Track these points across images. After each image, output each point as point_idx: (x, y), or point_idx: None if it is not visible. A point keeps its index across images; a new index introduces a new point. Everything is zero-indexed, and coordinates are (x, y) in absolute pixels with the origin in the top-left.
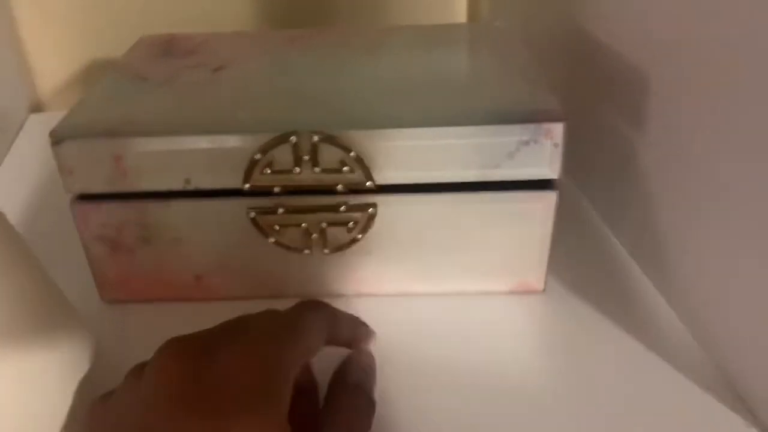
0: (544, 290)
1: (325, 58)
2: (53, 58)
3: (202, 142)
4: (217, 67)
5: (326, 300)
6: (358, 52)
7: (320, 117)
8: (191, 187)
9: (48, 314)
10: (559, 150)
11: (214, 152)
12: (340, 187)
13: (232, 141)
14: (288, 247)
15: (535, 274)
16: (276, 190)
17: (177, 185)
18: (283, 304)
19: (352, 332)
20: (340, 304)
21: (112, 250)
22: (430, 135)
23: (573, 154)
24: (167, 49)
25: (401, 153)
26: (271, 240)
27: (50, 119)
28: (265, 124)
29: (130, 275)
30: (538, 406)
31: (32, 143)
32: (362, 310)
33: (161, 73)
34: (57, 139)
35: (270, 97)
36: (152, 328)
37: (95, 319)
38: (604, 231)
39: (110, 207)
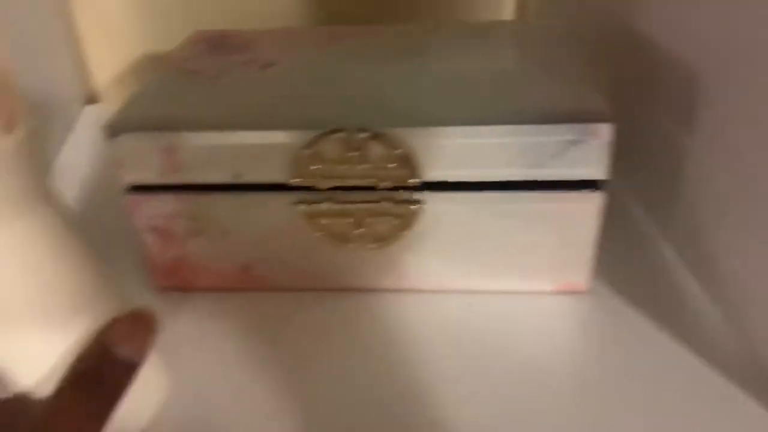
0: (588, 291)
1: (371, 56)
2: (108, 50)
3: (251, 138)
4: (265, 64)
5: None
6: (406, 50)
7: (367, 114)
8: (240, 180)
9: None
10: (607, 150)
11: (262, 147)
12: (386, 184)
13: (280, 137)
14: (333, 241)
15: (580, 275)
16: (322, 185)
17: (226, 179)
18: (328, 296)
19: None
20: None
21: (163, 240)
22: (476, 133)
23: (623, 154)
24: (218, 44)
25: (447, 151)
26: (317, 234)
27: (105, 111)
28: (312, 121)
29: (180, 265)
30: (579, 406)
31: (88, 134)
32: (403, 305)
33: (211, 69)
34: (111, 132)
35: (317, 93)
36: (201, 316)
37: (147, 306)
38: (652, 233)
39: (161, 198)
